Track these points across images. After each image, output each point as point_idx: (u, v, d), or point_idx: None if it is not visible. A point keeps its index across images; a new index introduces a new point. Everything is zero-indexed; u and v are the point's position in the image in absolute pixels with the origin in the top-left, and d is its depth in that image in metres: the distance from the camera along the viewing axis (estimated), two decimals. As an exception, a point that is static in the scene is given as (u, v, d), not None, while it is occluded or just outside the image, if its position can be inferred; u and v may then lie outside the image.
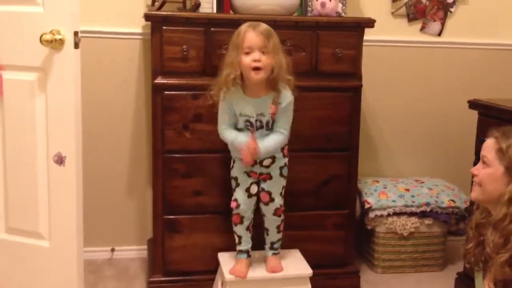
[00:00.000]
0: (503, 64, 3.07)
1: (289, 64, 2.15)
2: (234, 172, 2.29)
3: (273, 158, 2.27)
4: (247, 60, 2.08)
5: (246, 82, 2.16)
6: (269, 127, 2.21)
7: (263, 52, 2.07)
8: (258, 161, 2.24)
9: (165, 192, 2.41)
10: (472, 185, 1.81)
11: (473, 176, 1.79)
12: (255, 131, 2.19)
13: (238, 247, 2.33)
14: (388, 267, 2.79)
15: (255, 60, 2.07)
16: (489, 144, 1.75)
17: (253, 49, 2.07)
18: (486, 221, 1.75)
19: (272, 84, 2.15)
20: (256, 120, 2.19)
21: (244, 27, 2.12)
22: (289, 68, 2.15)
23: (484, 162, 1.75)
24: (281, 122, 2.20)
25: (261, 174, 2.28)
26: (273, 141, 2.19)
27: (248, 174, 2.27)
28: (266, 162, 2.26)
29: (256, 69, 2.08)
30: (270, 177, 2.29)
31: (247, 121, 2.20)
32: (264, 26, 2.12)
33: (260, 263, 2.36)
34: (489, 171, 1.72)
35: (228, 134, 2.22)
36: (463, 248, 1.83)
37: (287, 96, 2.17)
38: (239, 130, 2.22)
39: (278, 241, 2.37)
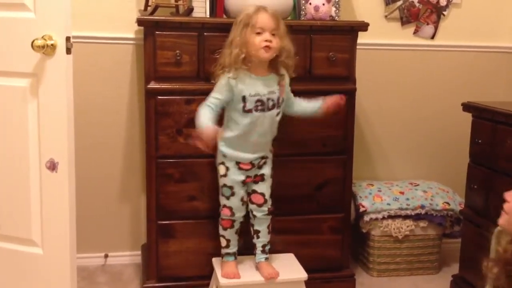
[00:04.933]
0: (496, 66, 3.08)
1: (292, 51, 2.21)
2: (228, 181, 2.26)
3: (266, 158, 2.27)
4: (257, 39, 2.11)
5: (251, 62, 2.17)
6: (279, 105, 2.23)
7: (273, 34, 2.13)
8: (255, 164, 2.24)
9: (158, 197, 2.40)
10: (501, 210, 1.59)
11: (504, 201, 1.58)
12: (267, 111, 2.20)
13: (226, 250, 2.33)
14: (383, 270, 2.79)
15: (266, 40, 2.11)
16: None
17: (264, 30, 2.12)
18: None
19: (273, 66, 2.21)
20: (268, 99, 2.19)
21: (254, 8, 2.15)
22: (292, 55, 2.22)
23: None
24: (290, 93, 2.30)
25: (255, 176, 2.28)
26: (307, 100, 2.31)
27: (243, 182, 2.26)
28: (260, 163, 2.27)
29: (267, 47, 2.12)
30: (263, 179, 2.29)
31: (258, 100, 2.17)
32: (272, 10, 2.16)
33: (251, 268, 2.35)
34: None
35: (205, 113, 2.13)
36: (485, 266, 1.60)
37: (285, 73, 2.25)
38: (247, 112, 2.17)
39: (268, 243, 2.36)
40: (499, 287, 1.55)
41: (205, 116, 2.14)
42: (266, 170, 2.29)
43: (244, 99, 2.16)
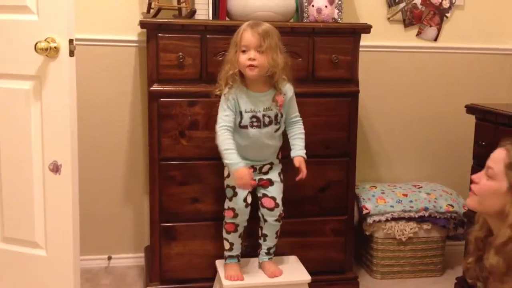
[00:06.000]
0: (499, 68, 3.08)
1: (287, 63, 2.19)
2: (231, 181, 2.27)
3: (271, 164, 2.27)
4: (243, 58, 2.13)
5: (247, 79, 2.19)
6: (278, 121, 2.23)
7: (259, 51, 2.12)
8: (257, 168, 2.25)
9: (161, 200, 2.40)
10: (469, 190, 1.66)
11: (471, 182, 1.64)
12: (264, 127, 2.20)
13: (229, 253, 2.33)
14: (387, 273, 2.78)
15: (250, 59, 2.12)
16: (499, 156, 1.57)
17: (249, 48, 2.13)
18: (486, 237, 1.60)
19: (271, 81, 2.20)
20: (264, 115, 2.19)
21: (244, 26, 2.16)
22: (288, 68, 2.20)
23: (488, 173, 1.57)
24: (293, 109, 2.28)
25: (260, 180, 2.28)
26: (301, 134, 2.29)
27: None
28: (265, 169, 2.27)
29: (251, 66, 2.13)
30: (272, 183, 2.29)
31: (254, 116, 2.19)
32: (264, 26, 2.15)
33: (255, 270, 2.36)
34: (492, 185, 1.56)
35: (228, 143, 2.14)
36: (464, 263, 1.69)
37: (290, 88, 2.25)
38: (242, 128, 2.20)
39: (274, 246, 2.37)
40: (477, 277, 1.59)
41: (232, 151, 2.13)
42: (273, 175, 2.30)
43: (241, 114, 2.19)
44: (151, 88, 2.34)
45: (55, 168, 2.05)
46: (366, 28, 2.46)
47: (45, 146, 2.07)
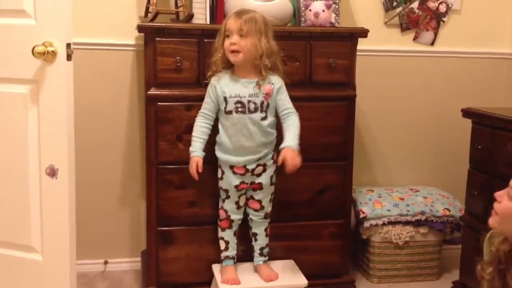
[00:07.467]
0: (496, 72, 3.09)
1: (274, 51, 2.20)
2: (224, 184, 2.30)
3: (264, 166, 2.28)
4: (226, 43, 2.16)
5: (234, 65, 2.22)
6: (264, 109, 2.22)
7: (241, 36, 2.14)
8: (250, 170, 2.25)
9: (158, 204, 2.40)
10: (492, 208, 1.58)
11: (494, 200, 1.56)
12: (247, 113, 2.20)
13: (225, 253, 2.34)
14: (384, 277, 2.78)
15: (232, 43, 2.15)
16: None
17: (232, 33, 2.15)
18: (510, 252, 1.53)
19: (259, 69, 2.21)
20: (249, 101, 2.19)
21: (231, 13, 2.21)
22: (276, 57, 2.22)
23: (509, 193, 1.51)
24: (284, 101, 2.25)
25: (252, 183, 2.29)
26: (293, 125, 2.21)
27: (238, 188, 2.28)
28: (257, 171, 2.27)
29: (234, 52, 2.15)
30: (261, 187, 2.30)
31: (238, 102, 2.19)
32: (249, 13, 2.17)
33: (251, 273, 2.36)
34: (511, 206, 1.49)
35: (199, 129, 2.25)
36: (479, 269, 1.61)
37: (278, 79, 2.25)
38: (228, 113, 2.21)
39: (267, 246, 2.38)
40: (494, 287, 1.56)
41: (197, 139, 2.24)
42: (264, 179, 2.30)
43: (225, 100, 2.20)
44: (149, 92, 2.34)
45: (52, 172, 2.05)
46: (363, 33, 2.47)
47: (42, 150, 2.06)
